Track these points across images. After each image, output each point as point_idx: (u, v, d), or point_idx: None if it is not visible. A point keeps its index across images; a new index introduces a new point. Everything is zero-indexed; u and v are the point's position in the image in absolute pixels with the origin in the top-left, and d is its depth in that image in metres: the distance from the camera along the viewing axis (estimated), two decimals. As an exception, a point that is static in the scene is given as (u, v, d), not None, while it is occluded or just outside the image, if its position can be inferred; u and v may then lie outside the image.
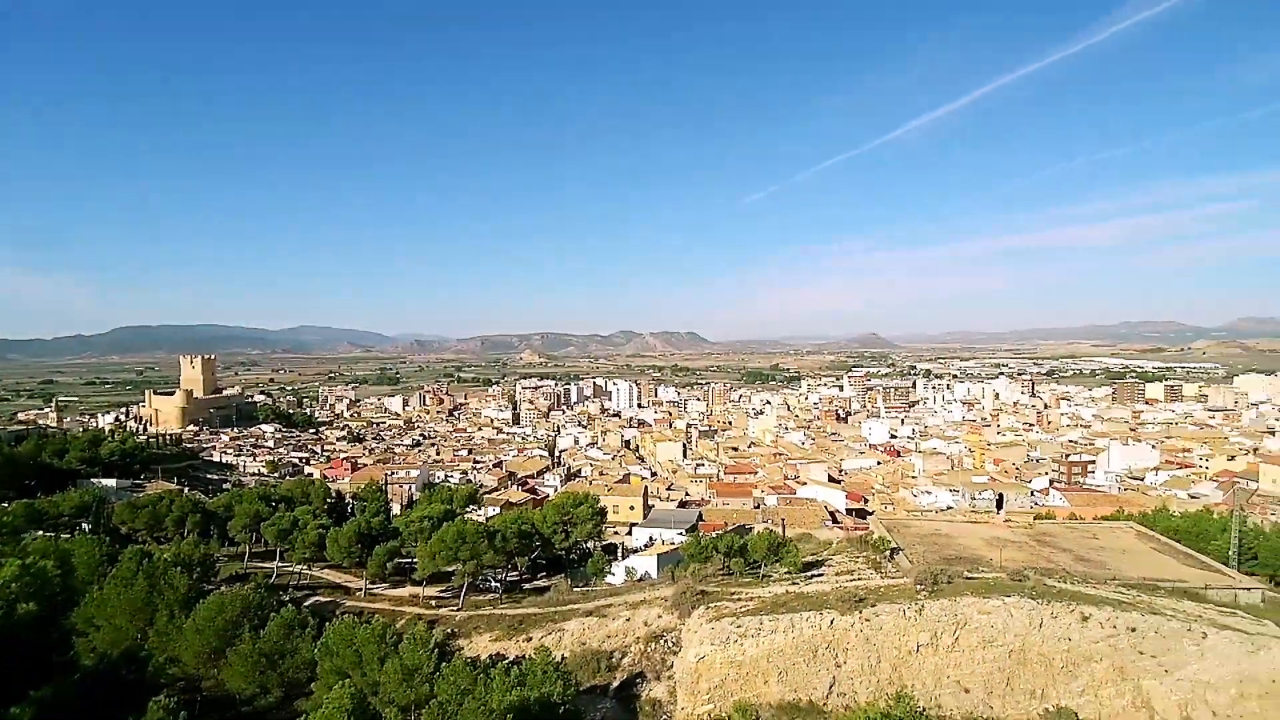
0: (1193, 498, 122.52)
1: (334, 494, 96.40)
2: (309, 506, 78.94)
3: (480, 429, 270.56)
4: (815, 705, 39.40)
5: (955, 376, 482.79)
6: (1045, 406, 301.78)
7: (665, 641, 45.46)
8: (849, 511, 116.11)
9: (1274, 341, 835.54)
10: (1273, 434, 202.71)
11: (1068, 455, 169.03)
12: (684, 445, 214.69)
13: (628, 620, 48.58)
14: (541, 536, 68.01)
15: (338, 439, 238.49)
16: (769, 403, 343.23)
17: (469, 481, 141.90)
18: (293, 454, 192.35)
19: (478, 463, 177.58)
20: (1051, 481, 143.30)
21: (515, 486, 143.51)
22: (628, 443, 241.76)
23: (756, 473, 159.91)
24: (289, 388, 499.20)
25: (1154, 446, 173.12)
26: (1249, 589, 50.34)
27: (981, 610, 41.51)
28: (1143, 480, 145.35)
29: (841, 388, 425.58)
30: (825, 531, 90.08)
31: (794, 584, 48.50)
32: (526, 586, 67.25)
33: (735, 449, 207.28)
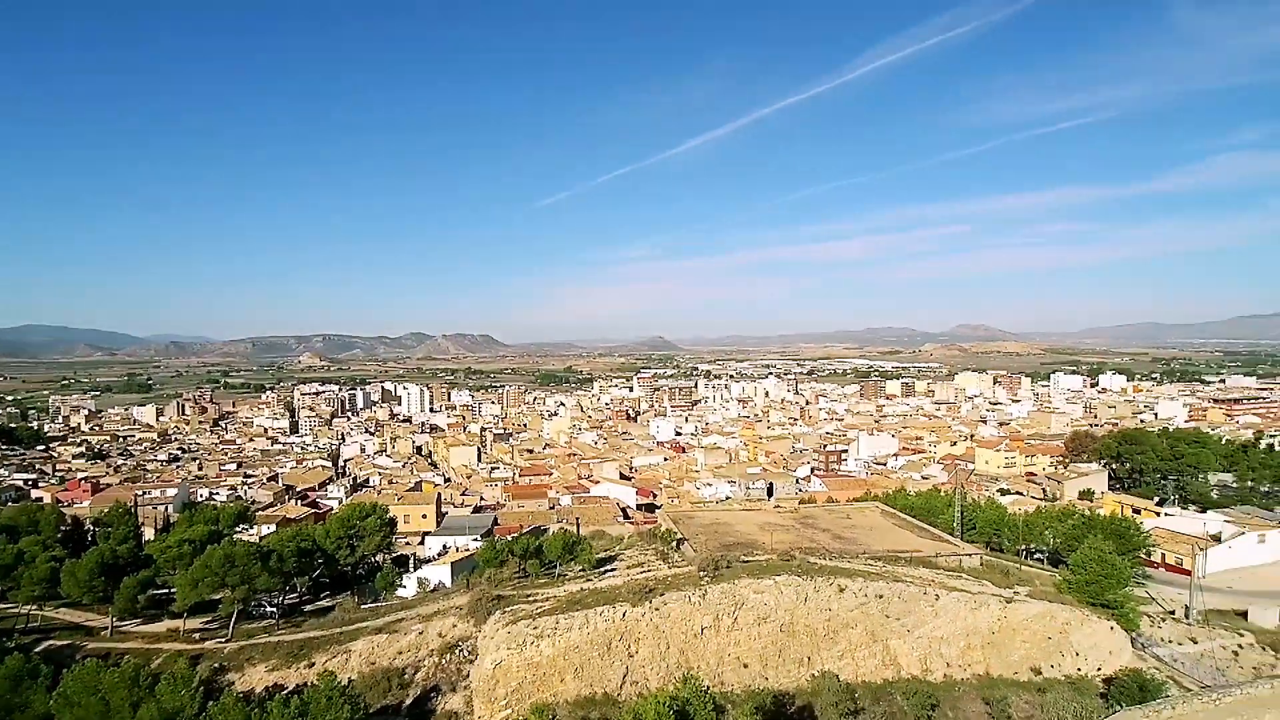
0: (924, 479, 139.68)
1: (70, 520, 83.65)
2: (37, 537, 67.58)
3: (252, 440, 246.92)
4: (610, 697, 40.10)
5: (732, 377, 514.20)
6: (807, 403, 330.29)
7: (461, 651, 44.16)
8: (640, 507, 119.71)
9: (985, 344, 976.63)
10: (984, 422, 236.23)
11: (825, 446, 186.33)
12: (479, 449, 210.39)
13: (420, 633, 46.60)
14: (324, 553, 63.31)
15: (74, 456, 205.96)
16: (563, 404, 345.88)
17: (239, 498, 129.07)
18: (15, 476, 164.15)
19: (249, 477, 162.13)
20: (813, 469, 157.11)
21: (294, 501, 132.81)
22: (419, 449, 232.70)
23: (551, 474, 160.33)
24: (9, 397, 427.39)
25: (893, 436, 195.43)
26: (970, 554, 58.15)
27: (756, 590, 44.45)
28: (885, 465, 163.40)
29: (631, 388, 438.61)
30: (618, 527, 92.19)
31: (588, 581, 49.10)
32: (308, 608, 62.25)
33: (530, 451, 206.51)
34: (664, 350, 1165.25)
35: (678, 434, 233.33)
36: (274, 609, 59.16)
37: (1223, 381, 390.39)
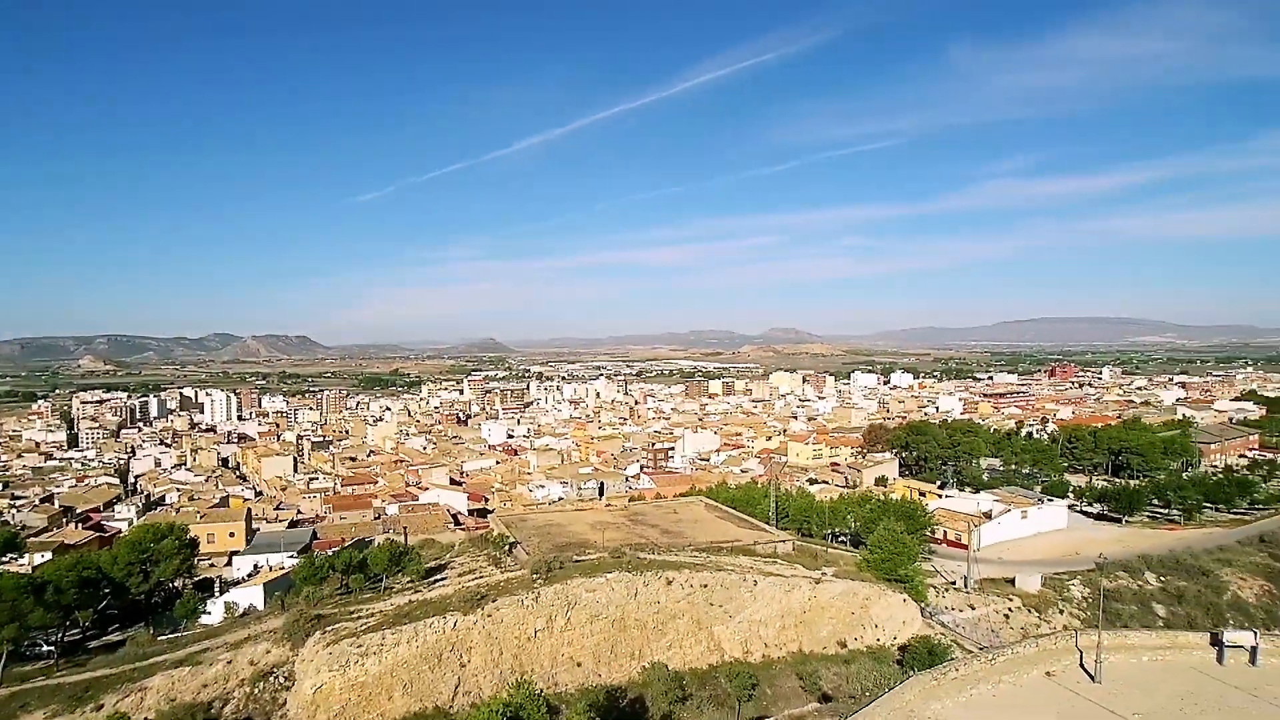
0: (743, 472, 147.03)
1: None
2: None
3: (21, 456, 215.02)
4: (441, 710, 38.74)
5: (564, 378, 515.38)
6: (636, 403, 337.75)
7: (277, 678, 40.80)
8: (472, 512, 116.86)
9: (795, 346, 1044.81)
10: (795, 418, 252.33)
11: (654, 444, 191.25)
12: (295, 459, 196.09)
13: (229, 662, 42.60)
14: (112, 581, 56.20)
15: None
16: (389, 409, 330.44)
17: (5, 524, 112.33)
18: None
19: (18, 499, 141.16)
20: (642, 467, 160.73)
21: (74, 524, 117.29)
22: (226, 461, 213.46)
23: (377, 482, 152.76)
24: None
25: (716, 433, 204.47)
26: (784, 541, 61.79)
27: (588, 589, 44.73)
28: (709, 461, 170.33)
29: (462, 391, 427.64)
30: (449, 534, 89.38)
31: (417, 592, 47.16)
32: (94, 645, 55.20)
33: (353, 459, 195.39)
34: (495, 352, 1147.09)
35: (510, 436, 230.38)
36: (52, 647, 51.89)
37: (990, 378, 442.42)
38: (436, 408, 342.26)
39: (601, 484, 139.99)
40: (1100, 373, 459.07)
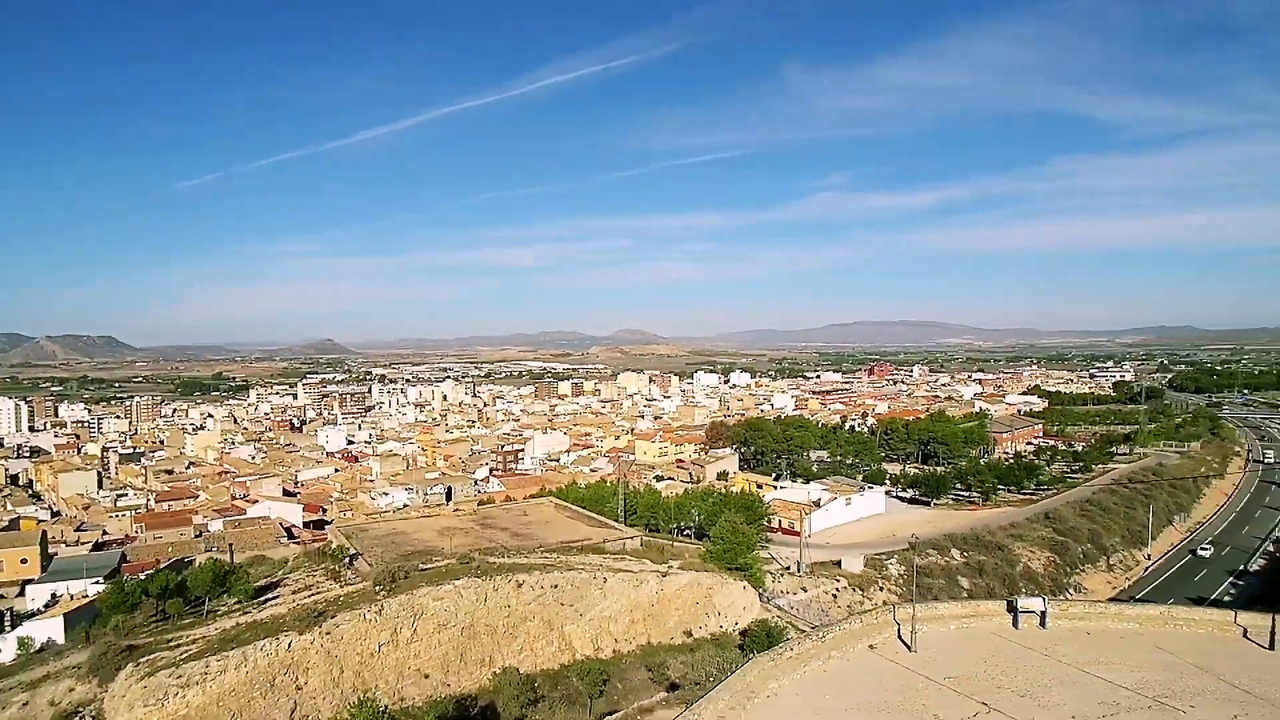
0: (593, 471, 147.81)
1: None
2: None
3: None
4: (274, 735, 36.05)
5: (408, 381, 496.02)
6: (485, 405, 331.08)
7: (83, 718, 36.33)
8: (308, 524, 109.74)
9: (642, 347, 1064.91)
10: (642, 417, 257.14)
11: (503, 446, 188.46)
12: (99, 474, 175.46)
13: (25, 705, 37.45)
14: None
15: None
16: (211, 416, 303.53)
17: None
18: None
19: None
20: (491, 470, 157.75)
21: None
22: (15, 478, 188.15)
23: (198, 496, 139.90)
24: None
25: (565, 433, 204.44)
26: (633, 537, 62.65)
27: (436, 597, 43.23)
28: (559, 461, 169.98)
29: (296, 395, 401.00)
30: (282, 549, 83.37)
31: (246, 614, 43.58)
32: None
33: (170, 472, 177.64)
34: (333, 354, 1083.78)
35: (350, 442, 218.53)
36: None
37: (819, 377, 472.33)
38: (267, 414, 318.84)
39: (449, 488, 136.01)
40: (911, 371, 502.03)
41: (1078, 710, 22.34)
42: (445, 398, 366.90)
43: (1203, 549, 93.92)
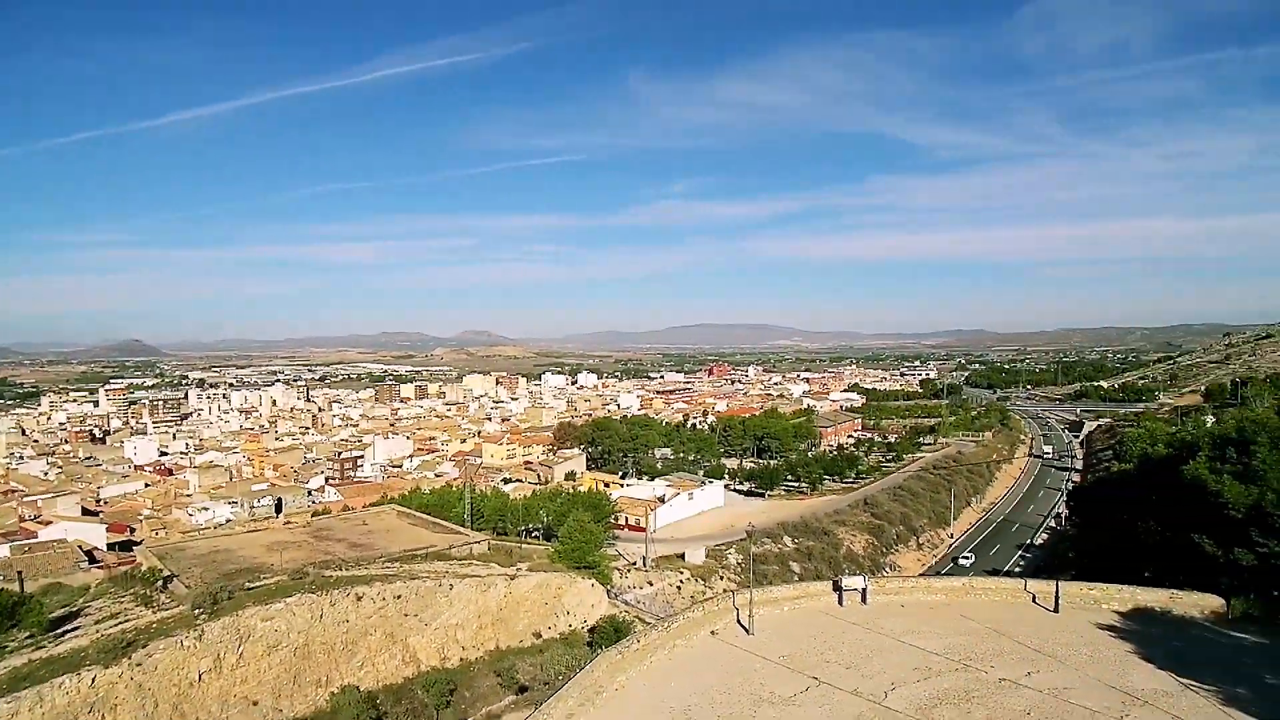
0: (438, 476, 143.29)
1: None
2: None
3: None
4: (72, 782, 31.95)
5: (232, 385, 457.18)
6: (320, 410, 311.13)
7: None
8: (113, 546, 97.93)
9: (489, 349, 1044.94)
10: (489, 420, 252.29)
11: (340, 453, 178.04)
12: None
13: None
14: None
15: None
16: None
17: None
18: None
19: None
20: (327, 479, 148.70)
21: None
22: None
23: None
24: None
25: (409, 438, 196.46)
26: (480, 541, 61.29)
27: (265, 617, 40.14)
28: (402, 467, 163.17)
29: (97, 403, 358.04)
30: (82, 575, 73.86)
31: (40, 648, 38.34)
32: None
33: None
34: (142, 356, 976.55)
35: (164, 454, 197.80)
36: None
37: (662, 377, 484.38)
38: (62, 424, 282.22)
39: (279, 500, 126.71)
40: (748, 371, 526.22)
41: (895, 676, 24.31)
42: (275, 403, 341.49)
43: (964, 558, 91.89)
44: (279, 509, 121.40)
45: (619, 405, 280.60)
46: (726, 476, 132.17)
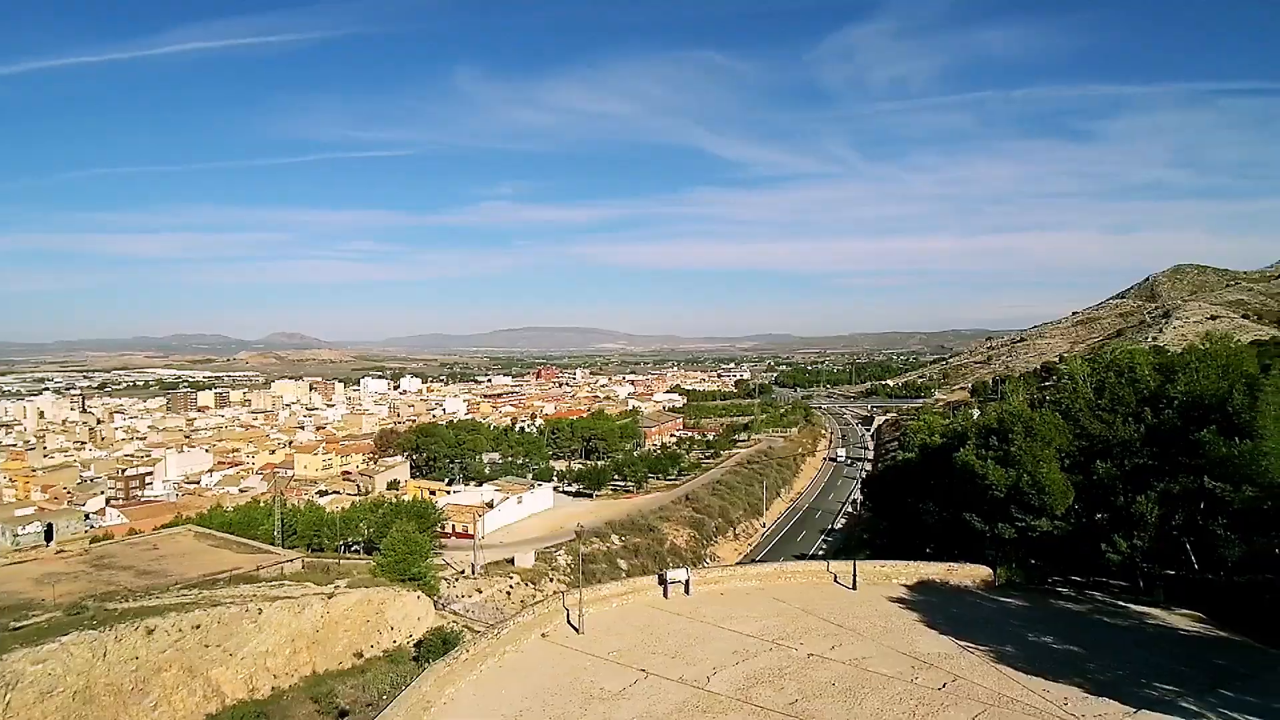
0: (243, 491, 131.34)
1: None
2: None
3: None
4: None
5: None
6: (99, 422, 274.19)
7: None
8: None
9: (301, 352, 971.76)
10: (302, 428, 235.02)
11: (124, 470, 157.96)
12: None
13: None
14: None
15: None
16: None
17: None
18: None
19: None
20: (109, 499, 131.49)
21: None
22: None
23: None
24: None
25: (208, 450, 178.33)
26: (292, 560, 57.03)
27: (35, 660, 34.80)
28: (199, 483, 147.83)
29: None
30: None
31: None
32: None
33: None
34: None
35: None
36: None
37: (490, 381, 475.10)
38: None
39: (50, 526, 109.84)
40: (575, 374, 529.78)
41: (716, 661, 25.49)
42: (43, 414, 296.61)
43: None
44: (49, 536, 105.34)
45: (445, 410, 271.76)
46: (555, 478, 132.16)
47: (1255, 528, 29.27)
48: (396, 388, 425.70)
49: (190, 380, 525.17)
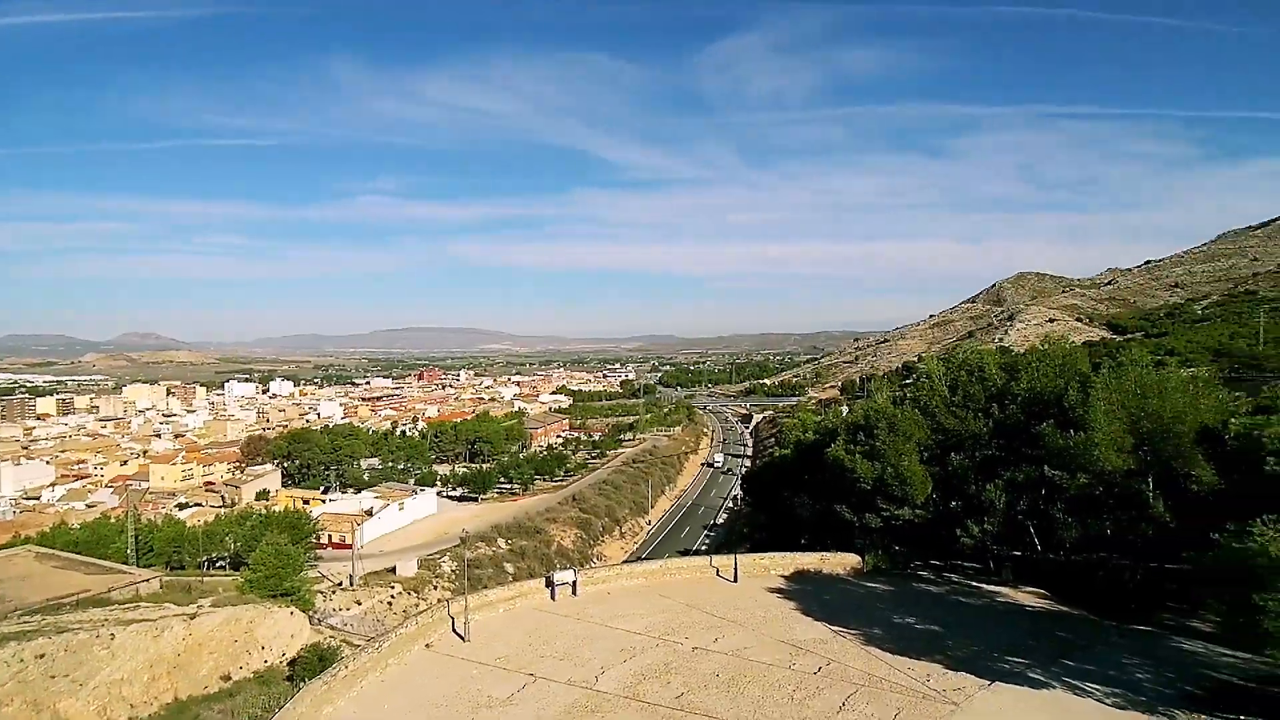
0: (91, 507, 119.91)
1: None
2: None
3: None
4: None
5: None
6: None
7: None
8: None
9: (157, 354, 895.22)
10: (159, 436, 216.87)
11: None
12: None
13: None
14: None
15: None
16: None
17: None
18: None
19: None
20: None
21: None
22: None
23: None
24: None
25: (49, 462, 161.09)
26: (148, 580, 52.51)
27: None
28: (40, 499, 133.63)
29: None
30: None
31: None
32: None
33: None
34: None
35: None
36: None
37: (369, 383, 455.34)
38: None
39: None
40: (459, 375, 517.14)
41: (604, 660, 25.62)
42: None
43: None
44: None
45: (320, 414, 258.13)
46: (439, 483, 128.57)
47: (1088, 511, 32.51)
48: (266, 391, 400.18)
49: (28, 385, 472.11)
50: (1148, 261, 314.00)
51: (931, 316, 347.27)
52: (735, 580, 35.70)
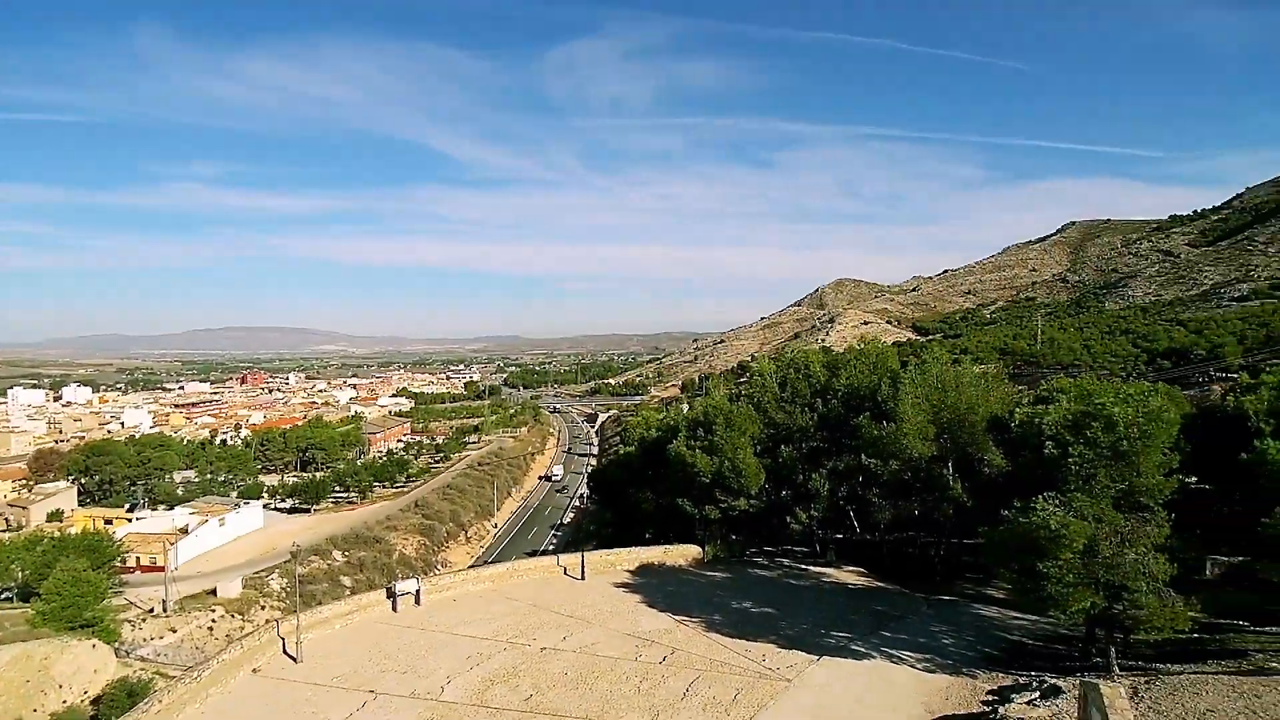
0: None
1: None
2: None
3: None
4: None
5: None
6: None
7: None
8: None
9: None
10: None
11: None
12: None
13: None
14: None
15: None
16: None
17: None
18: None
19: None
20: None
21: None
22: None
23: None
24: None
25: None
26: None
27: None
28: None
29: None
30: None
31: None
32: None
33: None
34: None
35: None
36: None
37: (182, 388, 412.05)
38: None
39: None
40: (288, 378, 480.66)
41: (450, 669, 24.84)
42: None
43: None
44: None
45: (123, 424, 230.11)
46: (267, 495, 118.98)
47: (899, 495, 35.72)
48: (58, 399, 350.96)
49: None
50: (946, 271, 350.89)
51: (763, 319, 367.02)
52: (583, 578, 35.86)
